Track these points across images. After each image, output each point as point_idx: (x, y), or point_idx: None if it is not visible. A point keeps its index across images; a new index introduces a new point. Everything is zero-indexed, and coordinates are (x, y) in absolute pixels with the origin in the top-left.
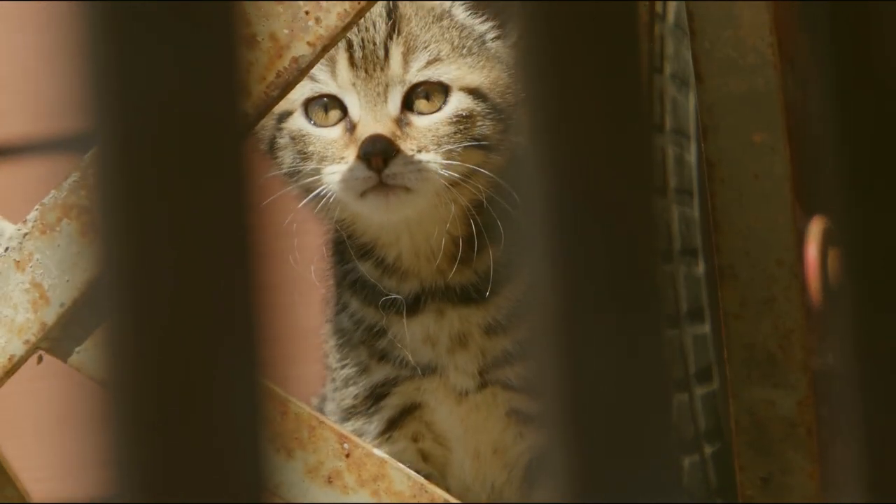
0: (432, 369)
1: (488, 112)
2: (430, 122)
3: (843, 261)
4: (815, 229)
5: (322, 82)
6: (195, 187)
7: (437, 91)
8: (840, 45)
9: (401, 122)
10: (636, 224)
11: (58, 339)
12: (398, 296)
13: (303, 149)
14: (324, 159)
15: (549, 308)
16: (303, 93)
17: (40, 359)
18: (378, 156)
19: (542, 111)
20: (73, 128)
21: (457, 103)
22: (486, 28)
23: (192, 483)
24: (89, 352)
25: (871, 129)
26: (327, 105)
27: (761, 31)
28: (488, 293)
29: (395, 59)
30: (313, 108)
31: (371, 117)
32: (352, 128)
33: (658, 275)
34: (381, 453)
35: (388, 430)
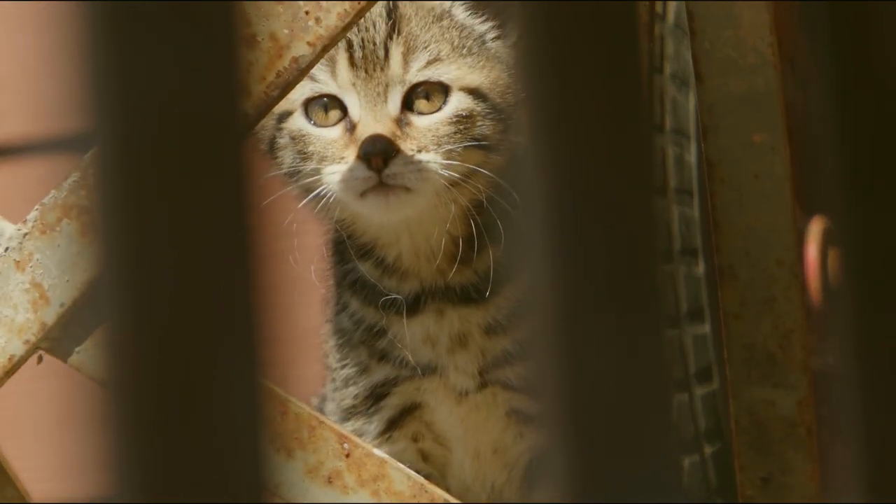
0: (432, 369)
1: (488, 112)
2: (430, 122)
3: (843, 261)
4: (815, 229)
5: (322, 82)
6: (195, 187)
7: (437, 91)
8: (840, 45)
9: (401, 122)
10: (636, 224)
11: (58, 339)
12: (398, 296)
13: (303, 149)
14: (324, 159)
15: (549, 308)
16: (303, 93)
17: (40, 359)
18: (378, 156)
19: (542, 111)
20: (73, 128)
21: (457, 103)
22: (486, 28)
23: (193, 483)
24: (89, 352)
25: (871, 129)
26: (327, 105)
27: (761, 31)
28: (488, 293)
29: (395, 59)
30: (313, 108)
31: (371, 117)
32: (352, 128)
33: (658, 275)
34: (381, 453)
35: (388, 430)
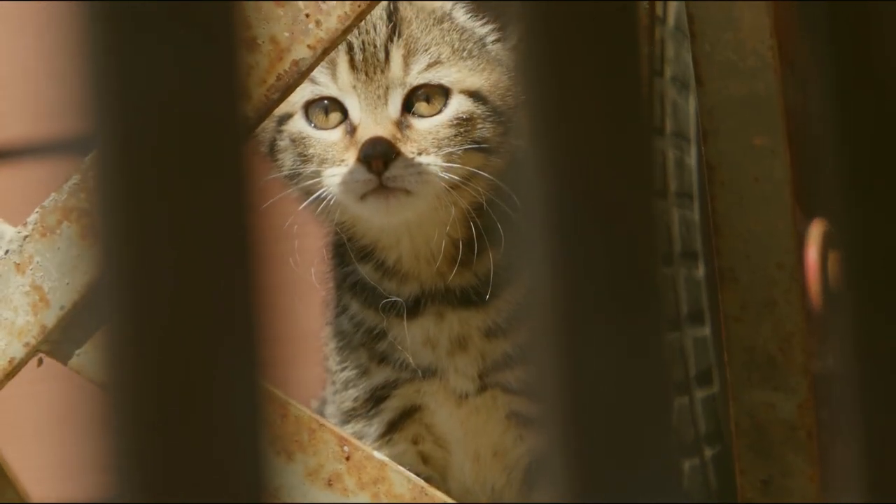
0: (432, 372)
1: (489, 115)
2: (431, 125)
3: (844, 264)
4: (816, 232)
5: (322, 85)
6: (195, 190)
7: (437, 94)
8: (840, 45)
9: (401, 124)
10: (636, 226)
11: (58, 342)
12: (398, 298)
13: (303, 151)
14: (324, 162)
15: (549, 310)
16: (303, 95)
17: (40, 361)
18: (378, 158)
19: (542, 114)
20: (73, 130)
21: (457, 106)
22: (487, 31)
23: (193, 486)
24: (89, 354)
25: (871, 129)
26: (328, 107)
27: (762, 34)
28: (488, 296)
29: (396, 61)
30: (314, 111)
31: (371, 120)
32: (352, 130)
33: (658, 277)
34: (381, 456)
35: (389, 433)
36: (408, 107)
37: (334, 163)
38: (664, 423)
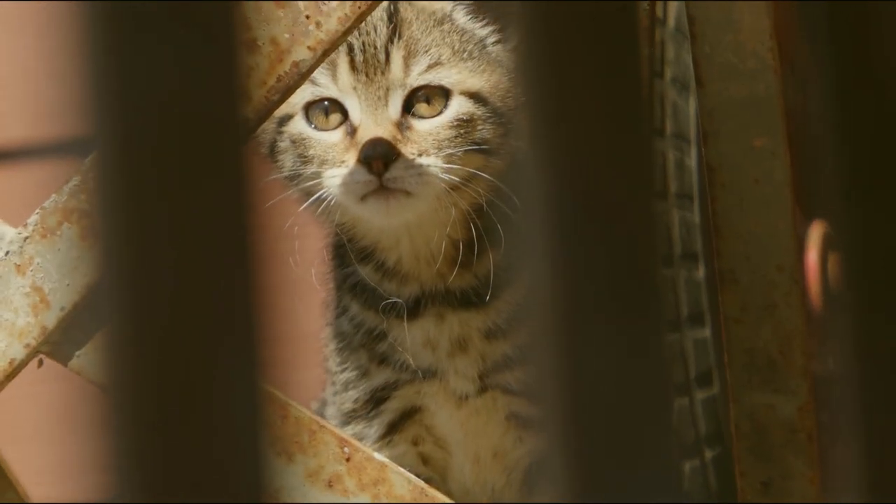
0: (432, 373)
1: (489, 116)
2: (431, 126)
3: (844, 265)
4: (816, 234)
5: (323, 86)
6: (195, 191)
7: (437, 95)
8: (840, 45)
9: (401, 125)
10: (636, 228)
11: (58, 343)
12: (398, 299)
13: (303, 152)
14: (324, 163)
15: (549, 311)
16: (303, 96)
17: (41, 362)
18: (379, 159)
19: (542, 115)
20: (73, 131)
21: (457, 107)
22: (487, 32)
23: (193, 487)
24: (89, 355)
25: (871, 130)
26: (328, 109)
27: (762, 35)
28: (488, 297)
29: (396, 62)
30: (314, 112)
31: (372, 121)
32: (352, 131)
33: (658, 279)
34: (381, 457)
35: (389, 434)
36: (408, 108)
37: (334, 164)
38: (664, 423)
